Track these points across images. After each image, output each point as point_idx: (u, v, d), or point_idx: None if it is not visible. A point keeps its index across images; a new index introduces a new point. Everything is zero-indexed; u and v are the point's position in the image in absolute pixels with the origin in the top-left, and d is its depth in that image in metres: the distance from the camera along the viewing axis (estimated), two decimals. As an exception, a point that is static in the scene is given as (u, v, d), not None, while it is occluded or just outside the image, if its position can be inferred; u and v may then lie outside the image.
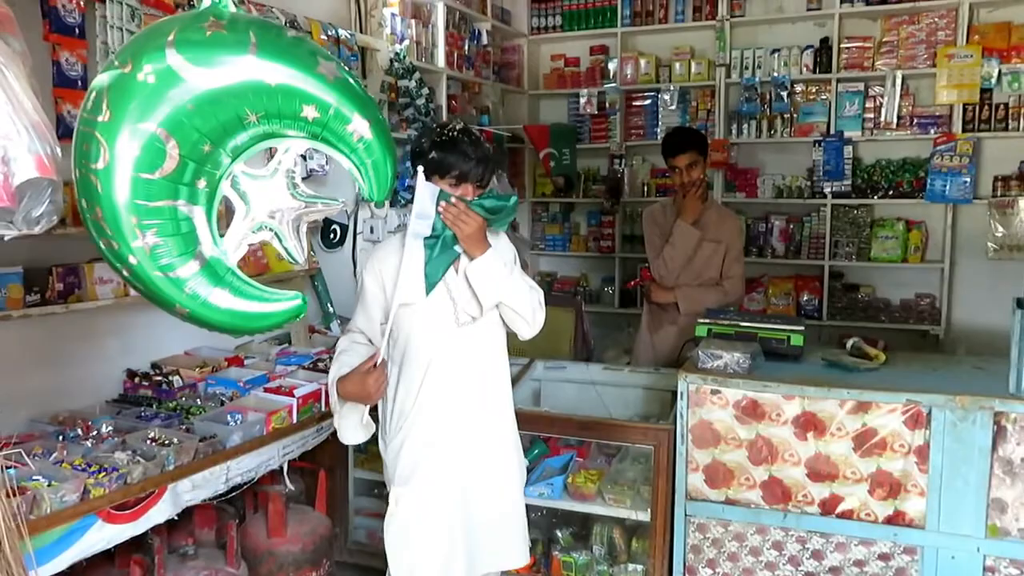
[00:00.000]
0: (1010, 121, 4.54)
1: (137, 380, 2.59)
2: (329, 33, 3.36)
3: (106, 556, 2.09)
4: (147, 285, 1.52)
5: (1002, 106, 4.56)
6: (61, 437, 2.10)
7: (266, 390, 2.56)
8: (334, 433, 2.83)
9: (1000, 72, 4.50)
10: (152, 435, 2.14)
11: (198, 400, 2.48)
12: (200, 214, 1.53)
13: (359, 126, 1.58)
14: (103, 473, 1.90)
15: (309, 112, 1.54)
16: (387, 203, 3.89)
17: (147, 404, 2.44)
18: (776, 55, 4.97)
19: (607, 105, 5.38)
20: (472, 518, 2.09)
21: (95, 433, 2.14)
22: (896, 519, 2.57)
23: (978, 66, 4.49)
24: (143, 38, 1.55)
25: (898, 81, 4.70)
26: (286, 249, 1.64)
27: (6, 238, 1.47)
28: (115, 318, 2.58)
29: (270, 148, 1.65)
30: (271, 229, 1.61)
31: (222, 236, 1.58)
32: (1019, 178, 4.54)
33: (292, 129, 1.60)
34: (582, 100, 5.41)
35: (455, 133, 1.98)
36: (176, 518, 2.17)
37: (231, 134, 1.53)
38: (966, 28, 4.55)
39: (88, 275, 2.33)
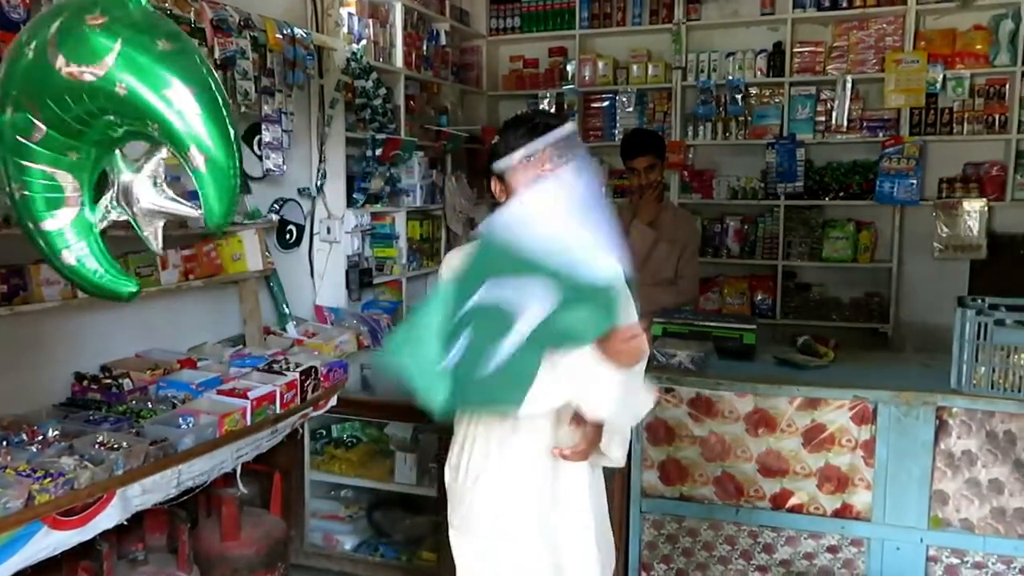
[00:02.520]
0: (954, 125, 4.68)
1: (85, 383, 2.54)
2: (285, 32, 3.33)
3: (53, 563, 2.05)
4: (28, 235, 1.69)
5: (947, 110, 4.70)
6: (5, 442, 2.05)
7: (219, 392, 2.53)
8: (289, 435, 2.82)
9: (945, 77, 4.64)
10: (101, 439, 2.10)
11: (149, 403, 2.44)
12: (67, 178, 1.64)
13: (195, 157, 1.55)
14: (49, 479, 1.86)
15: (154, 128, 1.56)
16: (344, 204, 3.87)
17: (96, 408, 2.40)
18: (731, 59, 5.05)
19: (566, 106, 5.41)
20: None
21: (40, 438, 2.10)
22: (844, 512, 2.64)
23: (924, 71, 4.62)
24: (52, 11, 1.62)
25: (848, 85, 4.81)
26: (144, 236, 1.73)
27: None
28: (63, 320, 2.53)
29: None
30: (128, 214, 1.69)
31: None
32: (963, 180, 4.69)
33: (150, 136, 1.62)
34: (541, 101, 5.44)
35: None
36: (126, 523, 2.14)
37: (98, 122, 1.57)
38: (913, 34, 4.67)
39: (34, 276, 2.28)
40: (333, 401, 2.92)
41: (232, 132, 1.58)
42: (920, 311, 4.74)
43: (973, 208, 4.57)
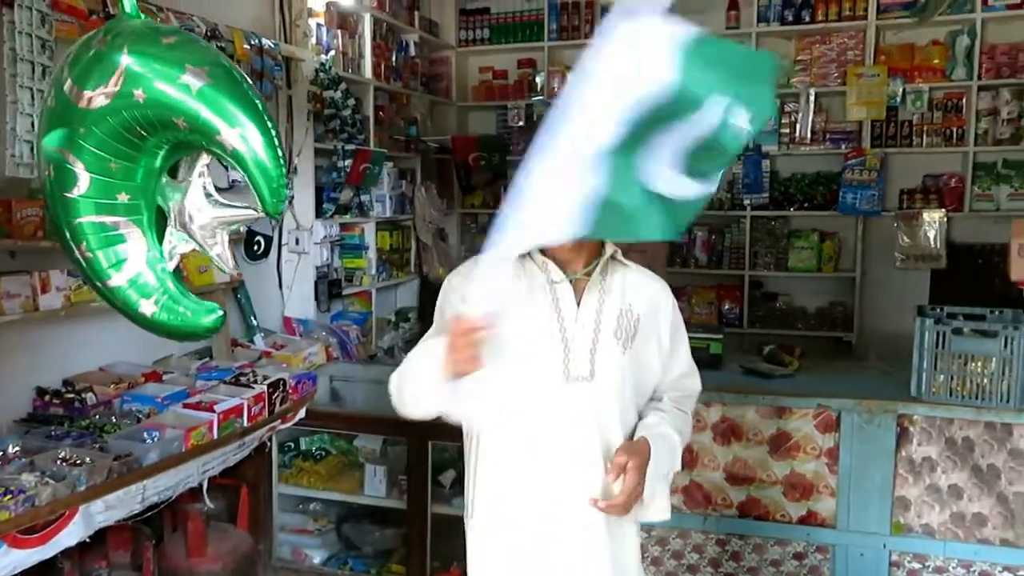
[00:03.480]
0: (914, 138, 4.79)
1: (47, 398, 2.49)
2: (252, 42, 3.31)
3: (13, 582, 2.01)
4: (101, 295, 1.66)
5: (907, 123, 4.81)
6: (-37, 459, 2.00)
7: (185, 406, 2.50)
8: (257, 448, 2.79)
9: (904, 91, 4.75)
10: (63, 455, 2.06)
11: (113, 417, 2.40)
12: (125, 224, 1.57)
13: (228, 136, 1.53)
14: (9, 496, 1.82)
15: (181, 123, 1.54)
16: (313, 215, 3.86)
17: (58, 423, 2.35)
18: (697, 71, 5.12)
19: (535, 117, 5.44)
20: None
21: (0, 454, 2.06)
22: (809, 519, 2.68)
23: (884, 85, 4.72)
24: (64, 57, 1.61)
25: (811, 98, 4.90)
26: (213, 258, 1.68)
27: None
28: (24, 334, 2.48)
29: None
30: (193, 239, 1.64)
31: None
32: (923, 192, 4.80)
33: (178, 141, 1.60)
34: (510, 112, 5.47)
35: None
36: (88, 540, 2.10)
37: (131, 148, 1.53)
38: (873, 49, 4.78)
39: (-6, 289, 2.24)
40: (302, 413, 2.90)
41: (259, 104, 1.55)
42: (883, 320, 4.83)
43: (932, 219, 4.67)
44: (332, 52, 3.99)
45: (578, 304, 1.59)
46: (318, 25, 3.90)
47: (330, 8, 4.02)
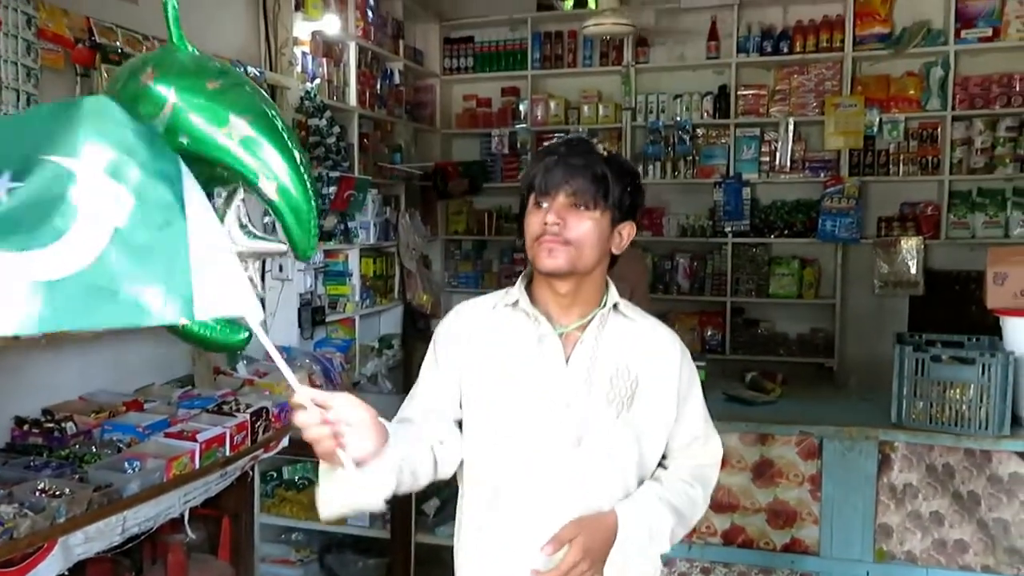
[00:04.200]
0: (891, 166, 4.88)
1: (26, 428, 2.46)
2: (238, 70, 3.33)
3: (-12, 617, 1.97)
4: None
5: (884, 152, 4.90)
6: (-60, 491, 1.97)
7: (167, 435, 2.47)
8: (239, 477, 2.77)
9: (881, 121, 4.84)
10: (42, 486, 2.03)
11: (93, 447, 2.37)
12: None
13: (265, 186, 1.59)
14: (-14, 528, 1.79)
15: (220, 168, 1.59)
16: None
17: (37, 453, 2.32)
18: (678, 100, 5.21)
19: (518, 145, 5.49)
20: None
21: (-22, 486, 2.03)
22: (793, 547, 2.69)
23: (861, 115, 4.81)
24: (110, 83, 1.76)
25: (790, 127, 4.99)
26: (251, 274, 1.77)
27: None
28: (3, 362, 2.45)
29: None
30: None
31: None
32: (900, 219, 4.87)
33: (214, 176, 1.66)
34: (494, 140, 5.51)
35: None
36: (67, 573, 2.06)
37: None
38: (850, 79, 4.88)
39: (-26, 318, 2.21)
40: (285, 442, 2.88)
41: (297, 156, 1.60)
42: (863, 346, 4.88)
43: (910, 246, 4.75)
44: (317, 80, 4.01)
45: (567, 362, 1.41)
46: (304, 53, 3.92)
47: (316, 36, 4.06)
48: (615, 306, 1.46)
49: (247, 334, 1.83)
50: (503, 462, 1.43)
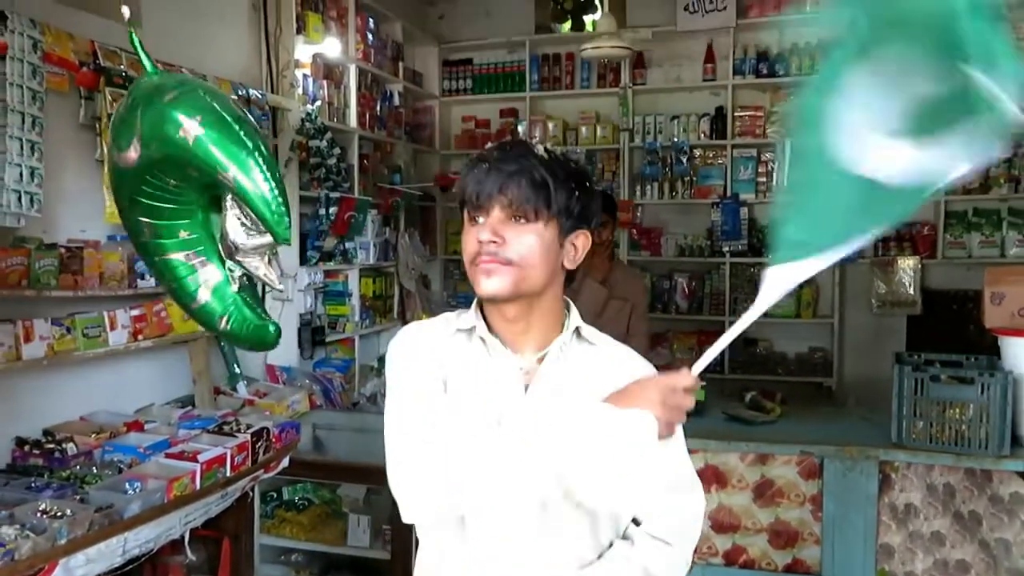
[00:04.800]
0: (887, 187, 4.91)
1: (27, 448, 2.45)
2: (240, 93, 3.36)
3: (-13, 640, 1.96)
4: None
5: (880, 173, 4.93)
6: (-59, 512, 1.97)
7: (167, 455, 2.47)
8: (239, 498, 2.76)
9: (876, 142, 4.88)
10: (43, 507, 2.03)
11: (94, 468, 2.37)
12: (195, 256, 1.90)
13: (225, 177, 1.75)
14: (-13, 550, 1.79)
15: (191, 170, 1.77)
16: (297, 262, 3.87)
17: (38, 474, 2.32)
18: (676, 121, 5.25)
19: (517, 165, 5.51)
20: None
21: (-21, 507, 2.02)
22: (795, 567, 2.69)
23: (857, 136, 4.85)
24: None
25: (787, 148, 5.01)
26: (261, 278, 1.91)
27: None
28: (5, 383, 2.45)
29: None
30: (239, 264, 1.86)
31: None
32: (897, 239, 4.90)
33: (206, 182, 1.82)
34: (493, 160, 5.54)
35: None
36: (67, 595, 2.05)
37: (173, 193, 1.74)
38: (845, 101, 4.92)
39: (-24, 339, 2.22)
40: (285, 462, 2.87)
41: (250, 142, 1.74)
42: (861, 365, 4.89)
43: (907, 266, 4.77)
44: (318, 102, 4.05)
45: (526, 394, 1.24)
46: (304, 76, 3.96)
47: (316, 59, 4.09)
48: (577, 332, 1.29)
49: (277, 332, 2.02)
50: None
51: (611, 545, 1.27)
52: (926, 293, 4.79)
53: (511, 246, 1.18)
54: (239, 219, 1.85)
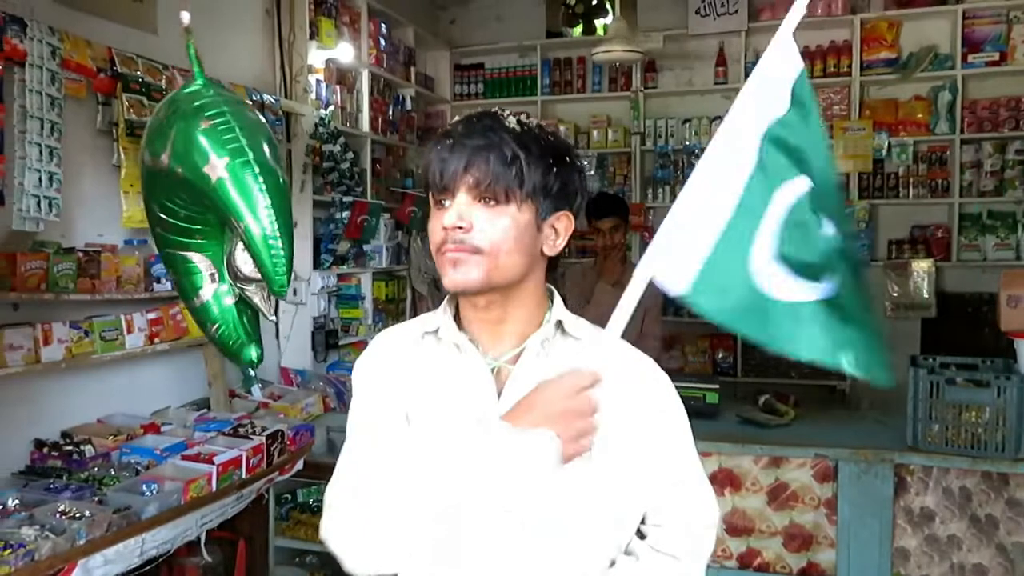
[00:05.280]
0: (900, 189, 4.90)
1: (46, 450, 2.48)
2: (254, 98, 3.39)
3: (7, 640, 1.97)
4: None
5: (893, 175, 4.92)
6: (-38, 513, 1.99)
7: (184, 458, 2.49)
8: (254, 500, 2.77)
9: (889, 144, 4.87)
10: (62, 508, 2.05)
11: (112, 470, 2.39)
12: (201, 260, 2.01)
13: (236, 226, 1.78)
14: (9, 550, 1.81)
15: (206, 203, 1.81)
16: (311, 266, 3.89)
17: (56, 476, 2.34)
18: (687, 125, 5.25)
19: (529, 169, 5.52)
20: None
21: (0, 507, 2.04)
22: (809, 571, 2.67)
23: (870, 139, 4.84)
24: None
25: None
26: (255, 304, 1.94)
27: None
28: (23, 385, 2.48)
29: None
30: (238, 287, 1.89)
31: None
32: (911, 242, 4.88)
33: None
34: (504, 164, 5.56)
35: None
36: (85, 596, 2.07)
37: (192, 201, 1.77)
38: (858, 103, 4.91)
39: (-3, 342, 2.25)
40: (299, 465, 2.89)
41: (268, 201, 1.77)
42: (875, 368, 4.86)
43: (921, 268, 4.74)
44: (331, 107, 4.07)
45: (499, 399, 1.09)
46: (318, 81, 3.98)
47: (330, 64, 4.12)
48: (560, 325, 1.14)
49: (256, 356, 2.04)
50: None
51: (613, 564, 1.12)
52: (941, 296, 4.76)
53: (480, 232, 1.04)
54: (247, 251, 1.93)
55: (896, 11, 4.83)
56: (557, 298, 1.16)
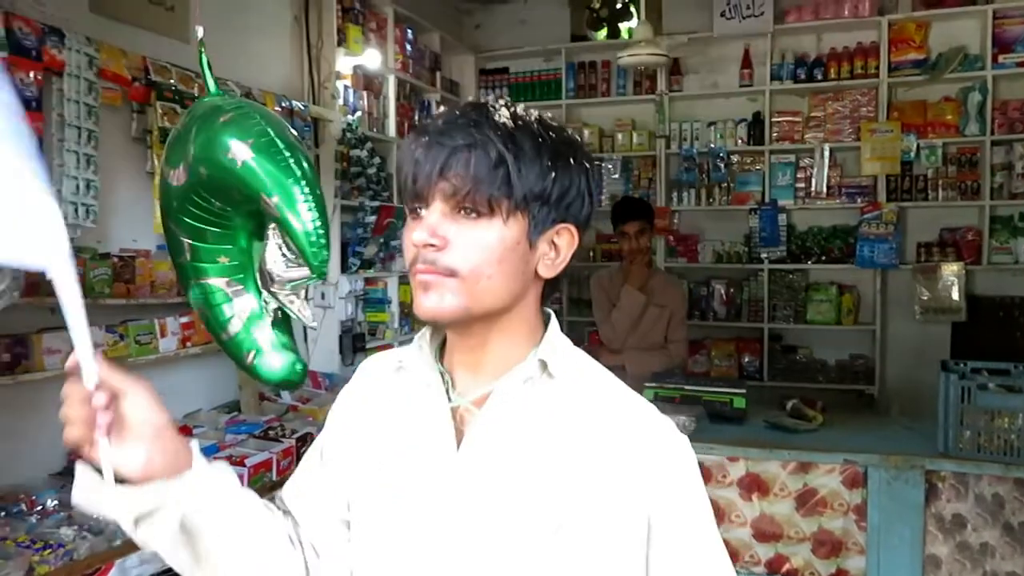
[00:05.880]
0: (929, 191, 4.84)
1: (82, 452, 2.53)
2: (283, 104, 3.43)
3: (46, 637, 2.02)
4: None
5: (922, 177, 4.86)
6: (4, 512, 2.04)
7: (216, 459, 2.53)
8: (284, 503, 2.81)
9: (918, 146, 4.82)
10: (99, 509, 2.10)
11: (146, 472, 2.44)
12: (232, 285, 1.83)
13: (268, 204, 1.70)
14: (49, 550, 1.86)
15: (236, 194, 1.72)
16: (339, 270, 3.93)
17: (92, 477, 2.39)
18: (712, 128, 5.23)
19: (553, 173, 5.53)
20: None
21: (40, 508, 2.09)
22: (839, 577, 2.66)
23: (898, 140, 4.79)
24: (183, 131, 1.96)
25: (826, 153, 4.98)
26: (294, 313, 1.84)
27: (-35, 314, 1.47)
28: (60, 389, 2.53)
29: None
30: (274, 296, 1.81)
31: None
32: (940, 245, 4.82)
33: (251, 208, 1.77)
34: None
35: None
36: (121, 595, 2.12)
37: (218, 216, 1.70)
38: (886, 105, 4.87)
39: (36, 345, 2.30)
40: (328, 468, 2.92)
41: (298, 172, 1.72)
42: (904, 373, 4.82)
43: (951, 272, 4.69)
44: (358, 112, 4.11)
45: (458, 450, 0.90)
46: (345, 87, 4.03)
47: (357, 71, 4.16)
48: (543, 364, 0.92)
49: (296, 374, 1.91)
50: None
51: None
52: (971, 300, 4.70)
53: (456, 251, 0.85)
54: (280, 249, 1.82)
55: (924, 12, 4.78)
56: (553, 326, 0.96)
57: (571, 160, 0.90)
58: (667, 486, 0.88)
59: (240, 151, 1.67)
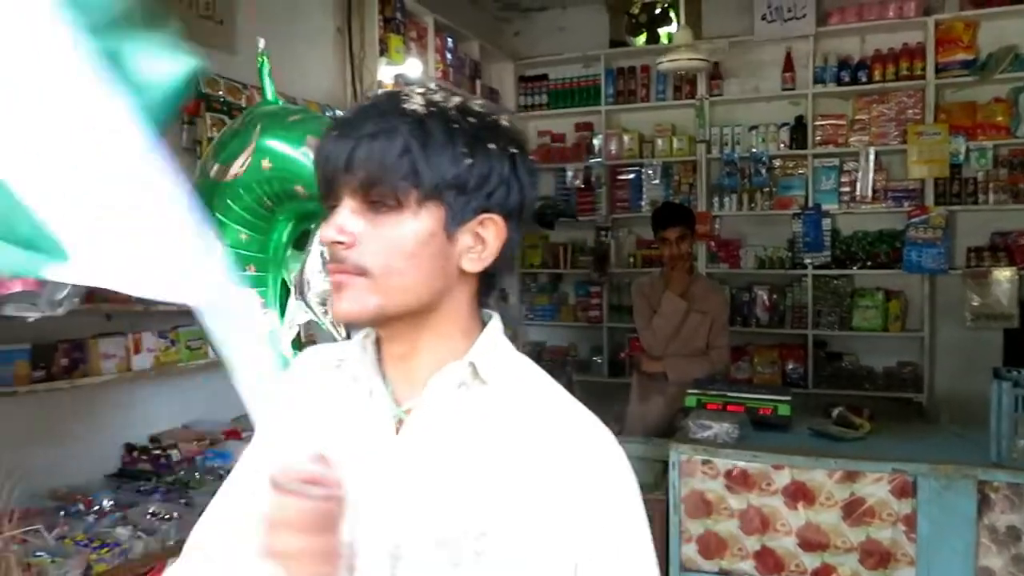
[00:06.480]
0: (979, 195, 4.73)
1: (135, 454, 2.61)
2: (327, 114, 3.49)
3: (102, 634, 2.08)
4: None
5: (971, 180, 4.75)
6: (62, 512, 2.11)
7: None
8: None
9: (967, 148, 4.71)
10: (152, 509, 2.16)
11: (197, 473, 2.50)
12: (250, 295, 1.76)
13: None
14: (106, 549, 1.91)
15: (300, 190, 1.72)
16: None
17: (145, 478, 2.46)
18: (754, 132, 5.18)
19: (593, 179, 5.55)
20: None
21: (96, 508, 2.16)
22: (887, 588, 2.61)
23: (946, 143, 4.70)
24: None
25: (871, 157, 4.90)
26: (326, 326, 1.83)
27: (30, 319, 1.53)
28: (115, 392, 2.61)
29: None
30: (309, 308, 1.79)
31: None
32: (991, 249, 4.71)
33: (303, 212, 1.78)
34: (568, 174, 5.59)
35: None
36: (173, 595, 2.17)
37: (261, 220, 1.71)
38: (933, 107, 4.77)
39: (93, 350, 2.37)
40: (371, 472, 2.96)
41: None
42: (954, 380, 4.71)
43: (1003, 277, 4.58)
44: (400, 121, 4.16)
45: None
46: (387, 96, 4.08)
47: (398, 79, 4.21)
48: (473, 367, 0.86)
49: None
50: None
51: None
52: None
53: (365, 247, 0.81)
54: (322, 255, 1.84)
55: (972, 11, 4.68)
56: (492, 326, 0.90)
57: (491, 145, 0.83)
58: (598, 497, 0.84)
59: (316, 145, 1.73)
